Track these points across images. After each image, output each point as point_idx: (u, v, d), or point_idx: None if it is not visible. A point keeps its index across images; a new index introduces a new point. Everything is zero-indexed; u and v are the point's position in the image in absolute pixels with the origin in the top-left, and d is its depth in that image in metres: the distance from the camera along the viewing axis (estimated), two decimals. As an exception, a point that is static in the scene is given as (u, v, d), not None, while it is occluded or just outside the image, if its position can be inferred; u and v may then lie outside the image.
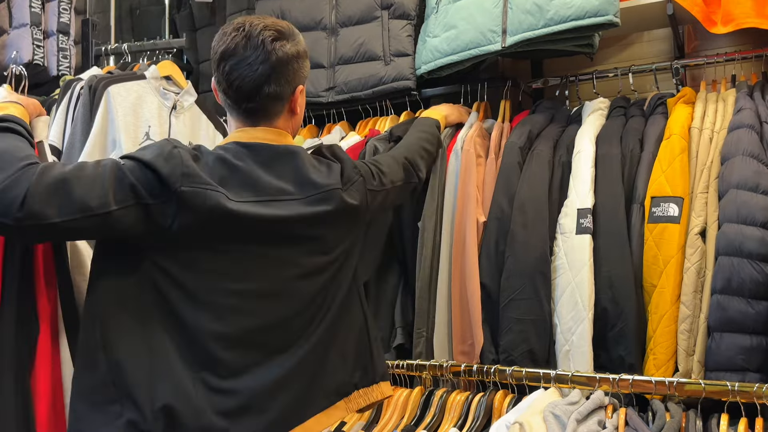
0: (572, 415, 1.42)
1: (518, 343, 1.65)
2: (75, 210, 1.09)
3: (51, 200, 1.07)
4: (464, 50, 1.90)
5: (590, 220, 1.65)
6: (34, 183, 1.07)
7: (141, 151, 1.19)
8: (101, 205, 1.11)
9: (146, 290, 1.17)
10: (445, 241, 1.83)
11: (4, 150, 1.12)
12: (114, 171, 1.14)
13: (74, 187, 1.10)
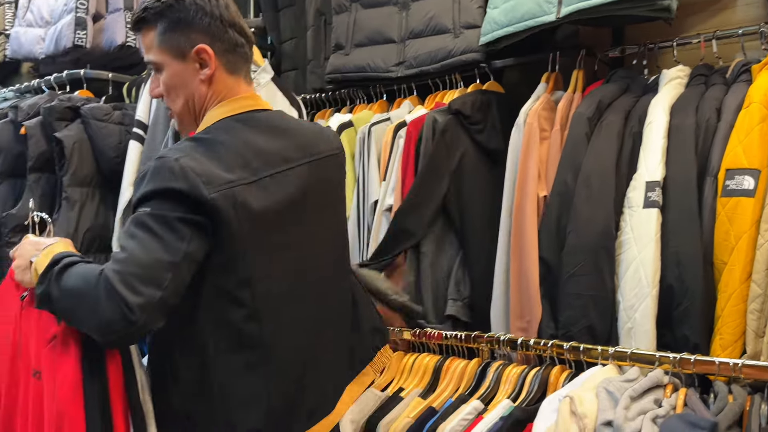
0: (626, 392, 1.38)
1: (578, 319, 1.62)
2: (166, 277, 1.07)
3: (144, 287, 1.05)
4: (520, 21, 1.86)
5: (659, 194, 1.58)
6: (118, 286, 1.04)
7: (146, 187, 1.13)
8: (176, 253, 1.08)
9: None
10: (505, 216, 1.82)
11: (79, 279, 1.09)
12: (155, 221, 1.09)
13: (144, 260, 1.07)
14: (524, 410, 1.52)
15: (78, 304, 1.08)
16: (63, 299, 1.09)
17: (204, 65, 1.26)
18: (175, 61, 1.26)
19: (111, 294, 1.03)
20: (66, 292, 1.09)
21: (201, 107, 1.29)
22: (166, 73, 1.27)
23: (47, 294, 1.10)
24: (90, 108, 1.96)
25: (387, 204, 2.06)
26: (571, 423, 1.37)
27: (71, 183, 1.87)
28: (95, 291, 1.05)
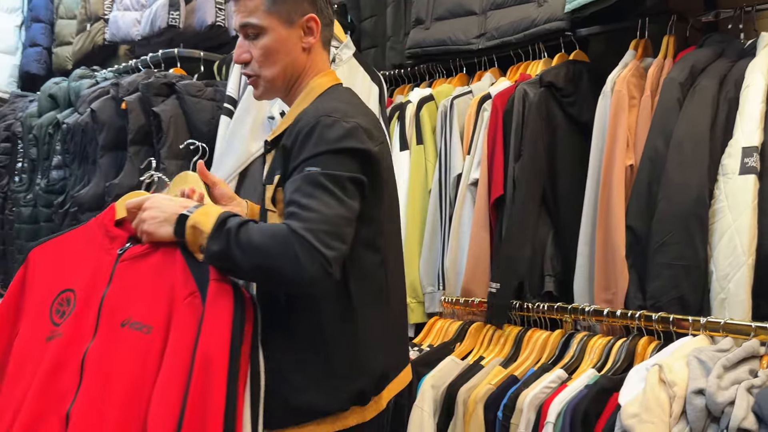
0: (719, 361, 1.34)
1: (668, 290, 1.58)
2: (347, 232, 1.15)
3: (334, 242, 1.12)
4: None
5: (756, 159, 1.52)
6: (315, 243, 1.10)
7: (316, 148, 1.18)
8: (352, 210, 1.16)
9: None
10: (591, 186, 1.79)
11: (265, 237, 1.14)
12: (329, 180, 1.15)
13: (330, 217, 1.13)
14: (610, 379, 1.50)
15: (271, 260, 1.12)
16: (249, 256, 1.13)
17: (309, 34, 1.30)
18: (282, 26, 1.28)
19: (310, 250, 1.10)
20: (253, 249, 1.13)
21: (298, 75, 1.32)
22: (270, 36, 1.28)
23: (226, 250, 1.14)
24: (184, 84, 2.06)
25: (473, 178, 2.06)
26: (660, 391, 1.34)
27: (168, 156, 1.98)
28: (290, 248, 1.10)
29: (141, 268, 1.22)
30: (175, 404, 1.10)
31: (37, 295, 1.27)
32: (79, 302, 1.23)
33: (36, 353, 1.21)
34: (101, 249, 1.27)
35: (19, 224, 2.36)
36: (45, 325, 1.23)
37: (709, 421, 1.29)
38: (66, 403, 1.15)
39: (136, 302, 1.20)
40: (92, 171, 2.11)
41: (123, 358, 1.17)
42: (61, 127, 2.30)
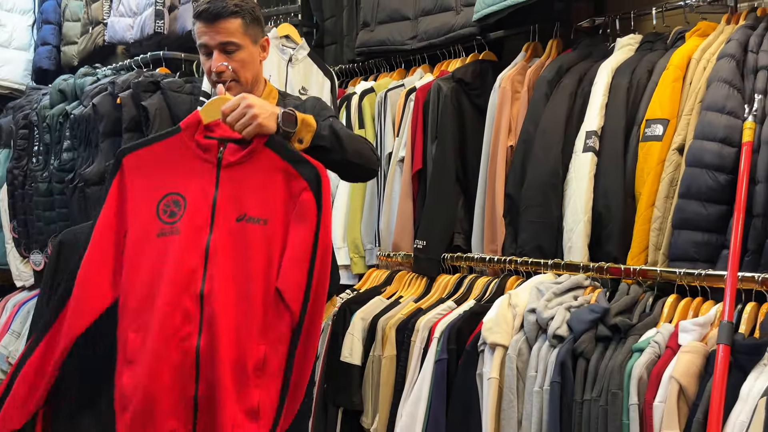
0: (551, 289, 1.83)
1: (530, 241, 2.06)
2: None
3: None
4: (501, 1, 2.25)
5: (595, 141, 1.98)
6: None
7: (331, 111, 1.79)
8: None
9: None
10: (483, 162, 2.27)
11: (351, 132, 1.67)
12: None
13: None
14: (481, 306, 1.99)
15: (364, 146, 1.63)
16: (352, 143, 1.57)
17: (264, 51, 1.79)
18: (252, 45, 1.72)
19: (371, 145, 1.70)
20: (352, 138, 1.61)
21: (257, 78, 1.79)
22: (244, 52, 1.69)
23: (335, 139, 1.52)
24: (167, 82, 2.54)
25: (400, 156, 2.54)
26: (506, 311, 1.84)
27: (154, 140, 2.47)
28: (369, 144, 1.68)
29: (244, 171, 1.41)
30: (303, 279, 1.36)
31: (139, 198, 1.41)
32: (190, 204, 1.40)
33: (150, 248, 1.39)
34: (198, 157, 1.43)
35: (37, 197, 2.86)
36: (154, 223, 1.40)
37: (540, 332, 1.78)
38: (196, 285, 1.36)
39: (247, 201, 1.40)
40: (95, 153, 2.61)
41: (244, 245, 1.38)
42: (69, 117, 2.79)
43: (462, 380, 1.87)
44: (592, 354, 1.64)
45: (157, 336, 1.36)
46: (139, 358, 1.37)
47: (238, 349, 1.37)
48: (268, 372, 1.38)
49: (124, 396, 1.37)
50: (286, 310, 1.38)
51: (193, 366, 1.37)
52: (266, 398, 1.38)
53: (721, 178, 1.68)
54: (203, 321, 1.36)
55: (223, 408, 1.35)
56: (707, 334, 1.56)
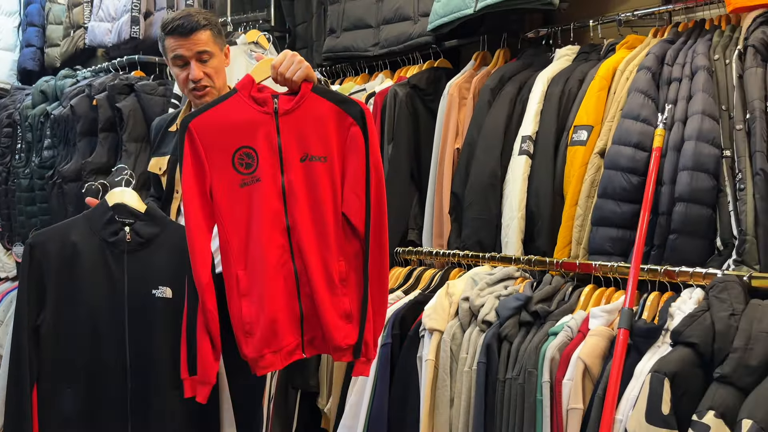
0: (484, 279, 2.01)
1: (472, 236, 2.23)
2: None
3: None
4: (450, 13, 2.42)
5: (529, 145, 2.15)
6: None
7: None
8: None
9: None
10: (433, 163, 2.44)
11: None
12: None
13: None
14: (425, 295, 2.17)
15: None
16: None
17: (227, 57, 2.03)
18: (220, 52, 1.97)
19: None
20: None
21: (224, 85, 2.01)
22: (216, 60, 1.94)
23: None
24: (141, 85, 2.70)
25: (359, 155, 2.70)
26: (444, 299, 2.02)
27: (128, 139, 2.62)
28: None
29: (298, 116, 1.58)
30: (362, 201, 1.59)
31: (213, 155, 1.55)
32: (261, 154, 1.57)
33: (238, 198, 1.57)
34: (257, 112, 1.58)
35: (20, 192, 3.01)
36: (234, 176, 1.57)
37: (473, 318, 1.96)
38: (282, 221, 1.57)
39: (306, 142, 1.58)
40: (73, 151, 2.77)
41: (312, 181, 1.58)
42: (50, 117, 2.95)
43: (404, 362, 2.04)
44: (515, 337, 1.82)
45: (265, 269, 1.57)
46: (252, 290, 1.58)
47: (324, 266, 1.60)
48: (350, 282, 1.63)
49: (247, 323, 1.57)
50: (353, 230, 1.61)
51: (294, 286, 1.60)
52: (354, 303, 1.63)
53: (634, 179, 1.86)
54: (293, 249, 1.59)
55: (324, 314, 1.59)
56: (614, 320, 1.73)
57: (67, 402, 1.63)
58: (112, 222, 1.69)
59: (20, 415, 1.59)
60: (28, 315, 1.63)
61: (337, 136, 1.60)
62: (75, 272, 1.65)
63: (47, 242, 1.67)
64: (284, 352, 1.61)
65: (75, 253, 1.66)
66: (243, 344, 1.58)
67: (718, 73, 1.85)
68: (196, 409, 1.67)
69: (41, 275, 1.64)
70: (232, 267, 1.58)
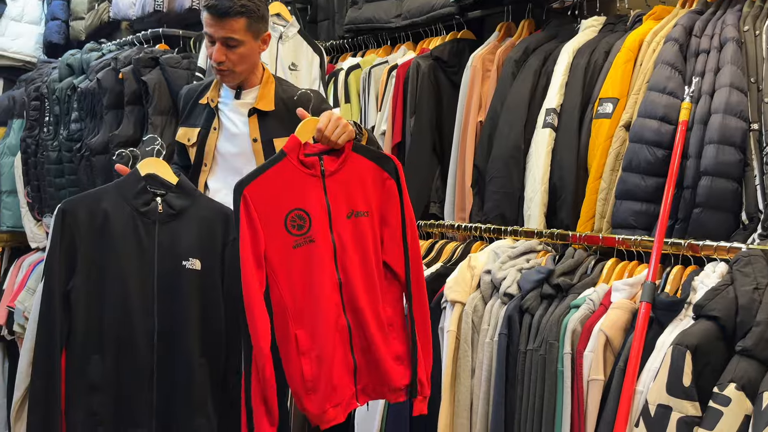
0: (506, 253, 2.02)
1: (493, 209, 2.24)
2: None
3: None
4: (474, -18, 2.39)
5: (553, 117, 2.14)
6: None
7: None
8: None
9: None
10: (456, 135, 2.44)
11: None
12: None
13: None
14: (446, 268, 2.19)
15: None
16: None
17: (264, 44, 2.01)
18: (253, 41, 1.94)
19: None
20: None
21: (253, 68, 2.02)
22: (244, 48, 1.92)
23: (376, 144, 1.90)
24: (166, 58, 2.72)
25: (381, 129, 2.71)
26: (467, 272, 2.03)
27: (154, 113, 2.65)
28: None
29: (342, 176, 1.68)
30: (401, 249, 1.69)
31: (267, 220, 1.60)
32: (313, 215, 1.63)
33: (293, 260, 1.62)
34: (306, 174, 1.64)
35: (48, 165, 3.07)
36: (287, 238, 1.62)
37: (494, 291, 1.98)
38: (334, 277, 1.63)
39: (352, 199, 1.67)
40: (100, 124, 2.81)
41: (358, 236, 1.66)
42: (77, 90, 2.99)
43: (425, 334, 2.07)
44: (536, 310, 1.83)
45: (324, 327, 1.63)
46: (312, 348, 1.63)
47: (375, 315, 1.68)
48: (396, 326, 1.71)
49: (309, 381, 1.62)
50: (394, 276, 1.71)
51: (348, 341, 1.66)
52: (403, 346, 1.71)
53: (659, 153, 1.85)
54: (344, 304, 1.66)
55: (381, 360, 1.67)
56: (636, 293, 1.74)
57: (93, 369, 1.65)
58: (144, 192, 1.71)
59: (48, 381, 1.60)
60: (58, 280, 1.63)
61: (375, 190, 1.70)
62: (106, 240, 1.66)
63: (78, 208, 1.67)
64: (343, 404, 1.66)
65: (106, 220, 1.67)
66: (305, 400, 1.62)
67: (747, 44, 1.82)
68: (221, 381, 1.73)
69: (72, 241, 1.65)
70: (290, 327, 1.62)
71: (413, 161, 2.55)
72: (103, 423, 1.65)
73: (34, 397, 1.60)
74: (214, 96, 2.08)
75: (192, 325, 1.64)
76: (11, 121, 3.58)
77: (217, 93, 2.09)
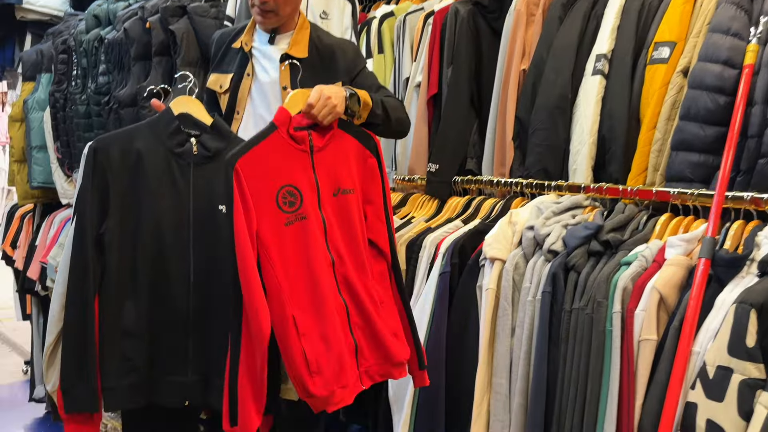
0: (551, 208, 1.91)
1: (536, 163, 2.12)
2: None
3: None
4: None
5: (604, 64, 2.00)
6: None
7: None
8: None
9: None
10: (496, 86, 2.31)
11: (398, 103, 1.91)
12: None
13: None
14: (485, 224, 2.09)
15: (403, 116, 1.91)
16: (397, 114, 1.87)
17: None
18: None
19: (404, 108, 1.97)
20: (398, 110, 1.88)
21: (294, 12, 1.97)
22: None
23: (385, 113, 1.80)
24: (193, 7, 2.62)
25: (416, 80, 2.59)
26: (507, 228, 1.94)
27: (182, 64, 2.56)
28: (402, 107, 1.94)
29: (329, 153, 1.65)
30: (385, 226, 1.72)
31: (259, 196, 1.54)
32: (303, 191, 1.59)
33: (285, 237, 1.56)
34: (295, 149, 1.60)
35: (77, 119, 3.02)
36: (278, 215, 1.56)
37: (537, 248, 1.88)
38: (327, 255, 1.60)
39: (337, 175, 1.65)
40: (128, 76, 2.73)
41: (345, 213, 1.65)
42: (104, 42, 2.92)
43: (463, 291, 1.99)
44: (583, 267, 1.73)
45: (324, 306, 1.58)
46: (313, 329, 1.56)
47: (368, 293, 1.67)
48: (387, 303, 1.72)
49: (313, 362, 1.55)
50: (380, 253, 1.73)
51: (346, 320, 1.63)
52: (396, 322, 1.72)
53: (720, 99, 1.71)
54: (338, 282, 1.63)
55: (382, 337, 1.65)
56: (693, 249, 1.63)
57: (127, 314, 1.61)
58: (178, 132, 1.62)
59: (82, 326, 1.55)
60: (90, 223, 1.56)
61: (358, 169, 1.70)
62: (139, 181, 1.59)
63: (111, 147, 1.59)
64: (350, 386, 1.60)
65: (139, 160, 1.59)
66: (310, 384, 1.54)
67: (824, -22, 1.65)
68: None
69: (105, 181, 1.58)
70: (286, 309, 1.54)
71: (450, 114, 2.44)
72: (136, 369, 1.61)
73: (69, 342, 1.55)
74: (247, 40, 1.99)
75: (227, 272, 1.57)
76: (40, 75, 3.54)
77: (251, 37, 2.00)
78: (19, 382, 4.12)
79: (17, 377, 4.20)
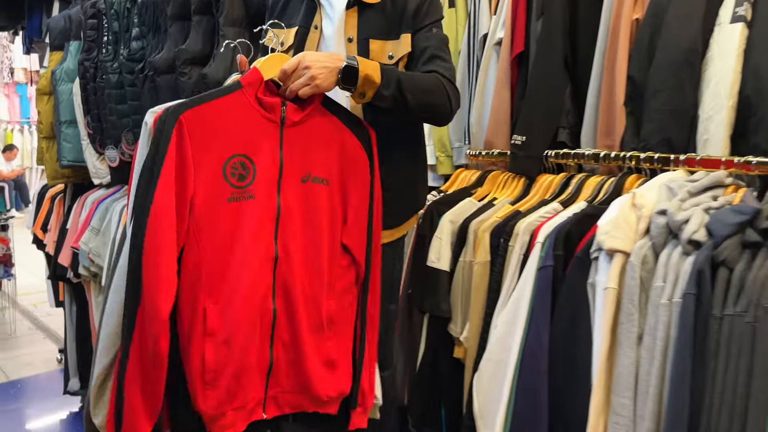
0: (685, 188, 1.54)
1: (657, 133, 1.75)
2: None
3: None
4: None
5: (746, 8, 1.61)
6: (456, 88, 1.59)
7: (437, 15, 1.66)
8: None
9: None
10: (601, 39, 1.92)
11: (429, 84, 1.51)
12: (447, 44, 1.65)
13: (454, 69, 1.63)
14: (595, 207, 1.73)
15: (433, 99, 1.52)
16: (418, 97, 1.48)
17: None
18: None
19: (454, 93, 1.56)
20: (421, 92, 1.49)
21: None
22: None
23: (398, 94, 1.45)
24: (237, -43, 2.28)
25: (497, 37, 2.22)
26: (629, 212, 1.57)
27: (225, 23, 2.23)
28: (445, 90, 1.53)
29: (304, 131, 1.41)
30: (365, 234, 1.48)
31: (202, 159, 1.32)
32: (259, 167, 1.35)
33: (223, 214, 1.33)
34: (262, 117, 1.37)
35: (109, 90, 2.72)
36: (223, 187, 1.33)
37: (671, 237, 1.51)
38: (271, 249, 1.36)
39: (310, 160, 1.41)
40: (164, 39, 2.42)
41: (311, 205, 1.40)
42: (136, 2, 2.60)
43: (570, 290, 1.64)
44: (737, 262, 1.37)
45: (243, 305, 1.32)
46: (221, 329, 1.31)
47: (311, 306, 1.39)
48: (339, 324, 1.44)
49: (210, 371, 1.29)
50: (353, 262, 1.46)
51: (269, 330, 1.36)
52: (339, 350, 1.44)
53: None
54: (276, 284, 1.35)
55: (305, 362, 1.39)
56: None
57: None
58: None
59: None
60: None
61: (341, 158, 1.45)
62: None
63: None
64: (246, 410, 1.34)
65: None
66: (199, 396, 1.27)
67: None
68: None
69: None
70: (199, 298, 1.27)
71: (539, 76, 2.06)
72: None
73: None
74: None
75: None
76: (68, 43, 3.24)
77: None
78: (55, 371, 3.92)
79: (52, 366, 4.00)
